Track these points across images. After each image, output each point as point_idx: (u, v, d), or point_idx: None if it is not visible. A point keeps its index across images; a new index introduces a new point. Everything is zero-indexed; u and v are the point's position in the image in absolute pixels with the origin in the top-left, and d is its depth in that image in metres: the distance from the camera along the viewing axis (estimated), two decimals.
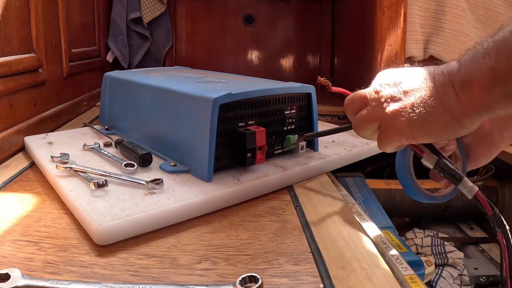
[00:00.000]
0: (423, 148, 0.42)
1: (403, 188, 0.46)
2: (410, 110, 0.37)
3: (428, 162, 0.42)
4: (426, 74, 0.38)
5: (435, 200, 0.47)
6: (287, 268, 0.41)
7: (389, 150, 0.43)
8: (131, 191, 0.52)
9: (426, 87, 0.37)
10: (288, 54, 1.64)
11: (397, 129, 0.39)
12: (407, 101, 0.38)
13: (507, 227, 0.39)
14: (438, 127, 0.37)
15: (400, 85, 0.39)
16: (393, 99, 0.39)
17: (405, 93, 0.38)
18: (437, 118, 0.36)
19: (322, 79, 0.50)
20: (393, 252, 0.52)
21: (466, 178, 0.40)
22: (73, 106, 1.01)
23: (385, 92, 0.40)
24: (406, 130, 0.38)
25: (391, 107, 0.39)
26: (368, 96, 0.42)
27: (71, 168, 0.56)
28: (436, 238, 0.96)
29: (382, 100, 0.40)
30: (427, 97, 0.37)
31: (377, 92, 0.41)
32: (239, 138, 0.56)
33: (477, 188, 0.40)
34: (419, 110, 0.37)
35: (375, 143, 0.45)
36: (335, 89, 0.50)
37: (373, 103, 0.41)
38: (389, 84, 0.40)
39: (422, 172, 0.48)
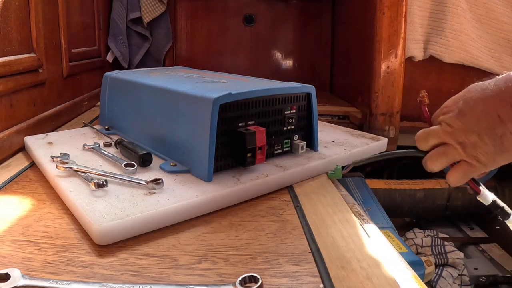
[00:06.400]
0: (480, 187, 0.48)
1: None
2: (490, 147, 0.42)
3: (483, 200, 0.49)
4: (489, 107, 0.42)
5: None
6: (287, 268, 0.41)
7: (464, 182, 0.48)
8: (131, 191, 0.52)
9: (493, 122, 0.41)
10: (288, 54, 1.64)
11: (482, 163, 0.44)
12: (484, 138, 0.42)
13: None
14: None
15: (470, 122, 0.43)
16: (473, 141, 0.43)
17: (480, 134, 0.42)
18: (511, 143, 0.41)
19: (426, 94, 0.52)
20: (393, 252, 0.52)
21: None
22: (73, 106, 1.01)
23: (463, 133, 0.44)
24: (490, 163, 0.44)
25: (472, 147, 0.43)
26: (443, 136, 0.46)
27: (71, 168, 0.56)
28: (436, 238, 0.96)
29: (460, 140, 0.44)
30: (499, 132, 0.41)
31: (452, 133, 0.45)
32: (239, 138, 0.56)
33: None
34: (495, 143, 0.42)
35: (375, 143, 0.45)
36: (425, 109, 0.51)
37: (452, 142, 0.45)
38: (462, 126, 0.44)
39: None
